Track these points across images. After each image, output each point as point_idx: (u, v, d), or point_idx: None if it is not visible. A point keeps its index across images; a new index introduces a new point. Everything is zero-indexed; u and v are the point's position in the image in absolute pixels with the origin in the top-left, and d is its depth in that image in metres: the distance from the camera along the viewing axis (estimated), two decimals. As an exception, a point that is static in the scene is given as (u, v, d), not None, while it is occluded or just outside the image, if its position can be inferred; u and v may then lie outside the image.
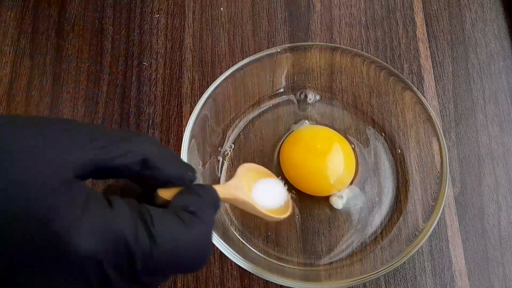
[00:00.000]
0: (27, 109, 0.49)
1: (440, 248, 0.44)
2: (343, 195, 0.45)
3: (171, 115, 0.49)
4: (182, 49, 0.52)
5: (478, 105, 0.50)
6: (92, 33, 0.53)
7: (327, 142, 0.45)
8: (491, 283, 0.43)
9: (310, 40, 0.52)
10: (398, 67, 0.51)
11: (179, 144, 0.47)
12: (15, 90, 0.50)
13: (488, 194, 0.46)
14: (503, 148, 0.48)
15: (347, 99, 0.48)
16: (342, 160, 0.44)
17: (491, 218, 0.45)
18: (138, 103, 0.50)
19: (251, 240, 0.44)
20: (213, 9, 0.54)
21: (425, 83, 0.50)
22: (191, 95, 0.50)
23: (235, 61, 0.51)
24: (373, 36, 0.52)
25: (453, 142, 0.48)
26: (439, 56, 0.51)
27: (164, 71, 0.51)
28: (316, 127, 0.48)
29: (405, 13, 0.53)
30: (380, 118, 0.48)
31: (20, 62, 0.51)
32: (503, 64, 0.51)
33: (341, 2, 0.54)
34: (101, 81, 0.51)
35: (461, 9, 0.54)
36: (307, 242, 0.44)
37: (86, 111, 0.49)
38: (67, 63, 0.51)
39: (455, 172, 0.47)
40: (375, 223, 0.44)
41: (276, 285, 0.43)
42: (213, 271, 0.43)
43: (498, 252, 0.44)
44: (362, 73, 0.47)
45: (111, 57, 0.52)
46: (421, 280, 0.43)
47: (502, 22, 0.53)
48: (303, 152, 0.45)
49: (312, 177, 0.44)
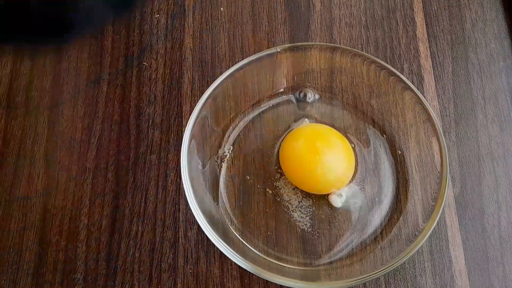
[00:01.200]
0: (27, 109, 0.49)
1: (440, 248, 0.44)
2: (342, 194, 0.45)
3: (171, 115, 0.49)
4: (182, 49, 0.52)
5: (478, 105, 0.50)
6: (92, 33, 0.53)
7: (327, 140, 0.45)
8: (491, 283, 0.43)
9: (310, 40, 0.52)
10: (398, 67, 0.51)
11: (179, 144, 0.47)
12: (15, 90, 0.50)
13: (488, 194, 0.46)
14: (503, 148, 0.48)
15: (347, 99, 0.48)
16: (341, 158, 0.44)
17: (491, 218, 0.45)
18: (138, 103, 0.50)
19: (251, 240, 0.44)
20: (213, 9, 0.54)
21: (425, 83, 0.50)
22: (191, 95, 0.50)
23: (235, 61, 0.51)
24: (373, 36, 0.52)
25: (453, 142, 0.48)
26: (439, 56, 0.51)
27: (164, 71, 0.51)
28: (315, 125, 0.48)
29: (405, 13, 0.53)
30: (380, 118, 0.48)
31: (20, 62, 0.51)
32: (503, 64, 0.51)
33: (341, 2, 0.54)
34: (101, 81, 0.51)
35: (461, 9, 0.54)
36: (307, 242, 0.44)
37: (86, 111, 0.49)
38: (67, 63, 0.51)
39: (455, 172, 0.47)
40: (375, 223, 0.44)
41: (276, 285, 0.43)
42: (213, 271, 0.43)
43: (498, 252, 0.44)
44: (362, 73, 0.47)
45: (111, 57, 0.52)
46: (421, 280, 0.43)
47: (502, 22, 0.53)
48: (302, 150, 0.45)
49: (312, 175, 0.44)
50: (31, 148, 0.48)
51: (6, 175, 0.47)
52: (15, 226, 0.45)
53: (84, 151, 0.48)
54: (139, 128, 0.49)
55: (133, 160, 0.47)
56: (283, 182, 0.46)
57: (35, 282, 0.43)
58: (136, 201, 0.46)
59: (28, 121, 0.49)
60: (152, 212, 0.45)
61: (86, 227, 0.45)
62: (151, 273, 0.43)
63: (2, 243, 0.44)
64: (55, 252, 0.44)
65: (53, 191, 0.46)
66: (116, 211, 0.45)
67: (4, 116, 0.49)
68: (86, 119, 0.49)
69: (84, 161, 0.47)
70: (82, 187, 0.46)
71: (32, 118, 0.49)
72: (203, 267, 0.43)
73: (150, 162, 0.47)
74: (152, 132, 0.48)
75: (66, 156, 0.48)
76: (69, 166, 0.47)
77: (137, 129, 0.49)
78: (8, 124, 0.49)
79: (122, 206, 0.46)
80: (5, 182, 0.47)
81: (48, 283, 0.43)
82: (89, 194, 0.46)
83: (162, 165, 0.47)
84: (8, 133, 0.49)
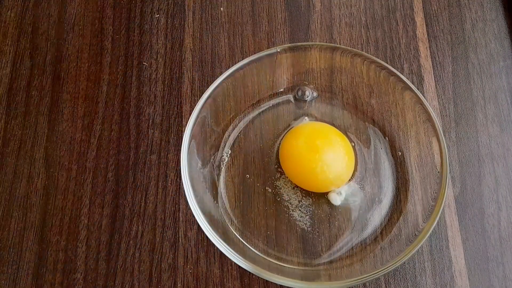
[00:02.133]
0: (27, 109, 0.49)
1: (440, 248, 0.44)
2: (342, 192, 0.45)
3: (171, 115, 0.49)
4: (182, 49, 0.52)
5: (478, 105, 0.50)
6: (92, 33, 0.53)
7: (326, 139, 0.45)
8: (491, 283, 0.43)
9: (310, 40, 0.52)
10: (398, 67, 0.51)
11: (179, 144, 0.47)
12: (15, 90, 0.50)
13: (488, 194, 0.46)
14: (503, 148, 0.48)
15: (347, 99, 0.48)
16: (341, 157, 0.44)
17: (491, 218, 0.45)
18: (138, 103, 0.50)
19: (251, 240, 0.44)
20: (213, 9, 0.54)
21: (425, 83, 0.50)
22: (191, 95, 0.50)
23: (235, 61, 0.51)
24: (373, 36, 0.52)
25: (453, 142, 0.48)
26: (439, 56, 0.51)
27: (164, 71, 0.51)
28: (315, 123, 0.48)
29: (405, 13, 0.53)
30: (380, 118, 0.48)
31: (20, 62, 0.51)
32: (503, 64, 0.51)
33: (341, 2, 0.54)
34: (101, 81, 0.51)
35: (461, 9, 0.54)
36: (307, 241, 0.44)
37: (86, 111, 0.49)
38: (67, 63, 0.51)
39: (455, 172, 0.47)
40: (374, 223, 0.44)
41: (276, 285, 0.43)
42: (213, 271, 0.43)
43: (498, 252, 0.44)
44: (362, 73, 0.47)
45: (111, 57, 0.52)
46: (421, 280, 0.43)
47: (502, 22, 0.53)
48: (302, 148, 0.45)
49: (311, 173, 0.44)
50: (31, 148, 0.48)
51: (6, 175, 0.47)
52: (15, 226, 0.45)
53: (84, 151, 0.48)
54: (139, 128, 0.49)
55: (133, 160, 0.47)
56: (283, 181, 0.46)
57: (35, 282, 0.43)
58: (136, 201, 0.46)
59: (28, 121, 0.49)
60: (152, 212, 0.45)
61: (86, 227, 0.45)
62: (151, 273, 0.43)
63: (2, 243, 0.45)
64: (55, 252, 0.44)
65: (53, 191, 0.46)
66: (116, 211, 0.45)
67: (4, 116, 0.49)
68: (86, 119, 0.49)
69: (84, 161, 0.47)
70: (82, 187, 0.46)
71: (32, 118, 0.49)
72: (203, 267, 0.43)
73: (150, 162, 0.47)
74: (152, 132, 0.48)
75: (66, 156, 0.48)
76: (69, 166, 0.47)
77: (137, 129, 0.49)
78: (8, 124, 0.49)
79: (122, 206, 0.46)
80: (5, 182, 0.47)
81: (48, 283, 0.43)
82: (89, 194, 0.46)
83: (162, 165, 0.47)
84: (8, 133, 0.49)
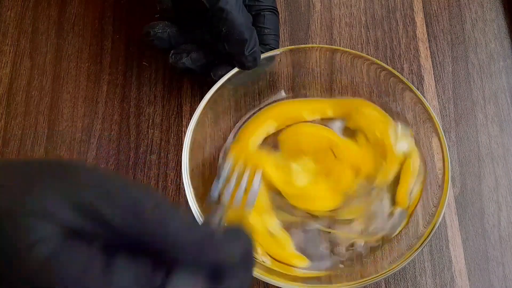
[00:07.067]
0: (27, 109, 0.49)
1: (440, 248, 0.44)
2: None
3: (171, 115, 0.49)
4: (182, 49, 0.52)
5: (478, 105, 0.50)
6: (92, 33, 0.53)
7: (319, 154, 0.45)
8: (491, 283, 0.43)
9: (310, 39, 0.52)
10: (398, 67, 0.51)
11: (179, 144, 0.47)
12: (15, 90, 0.50)
13: (488, 194, 0.46)
14: (503, 148, 0.48)
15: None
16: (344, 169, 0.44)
17: (491, 218, 0.45)
18: (138, 103, 0.50)
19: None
20: (213, 9, 0.54)
21: (425, 83, 0.50)
22: (191, 95, 0.50)
23: (235, 61, 0.51)
24: (373, 36, 0.52)
25: (453, 142, 0.48)
26: (439, 56, 0.51)
27: (164, 71, 0.51)
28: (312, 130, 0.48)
29: (405, 13, 0.53)
30: (380, 118, 0.48)
31: (20, 62, 0.51)
32: (503, 64, 0.51)
33: (341, 2, 0.54)
34: (101, 81, 0.51)
35: (461, 9, 0.54)
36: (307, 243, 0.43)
37: (86, 111, 0.49)
38: (67, 63, 0.51)
39: (455, 172, 0.47)
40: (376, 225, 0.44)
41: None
42: (213, 271, 0.43)
43: (498, 252, 0.44)
44: (362, 73, 0.47)
45: (111, 57, 0.52)
46: (421, 280, 0.43)
47: (502, 22, 0.53)
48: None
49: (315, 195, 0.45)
50: (31, 148, 0.48)
51: (6, 175, 0.47)
52: (15, 226, 0.45)
53: (84, 151, 0.48)
54: (139, 128, 0.49)
55: (133, 160, 0.47)
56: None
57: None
58: (136, 201, 0.46)
59: (28, 121, 0.49)
60: (152, 212, 0.45)
61: (86, 227, 0.45)
62: (151, 273, 0.43)
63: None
64: (55, 252, 0.44)
65: (53, 191, 0.46)
66: (116, 211, 0.45)
67: (4, 116, 0.49)
68: (86, 119, 0.49)
69: (84, 161, 0.47)
70: (82, 187, 0.46)
71: (32, 118, 0.49)
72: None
73: (150, 162, 0.47)
74: (152, 132, 0.48)
75: (66, 156, 0.47)
76: (69, 166, 0.47)
77: (137, 129, 0.48)
78: (8, 124, 0.49)
79: (122, 206, 0.45)
80: (5, 182, 0.47)
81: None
82: (89, 194, 0.46)
83: (162, 165, 0.47)
84: (8, 133, 0.48)
